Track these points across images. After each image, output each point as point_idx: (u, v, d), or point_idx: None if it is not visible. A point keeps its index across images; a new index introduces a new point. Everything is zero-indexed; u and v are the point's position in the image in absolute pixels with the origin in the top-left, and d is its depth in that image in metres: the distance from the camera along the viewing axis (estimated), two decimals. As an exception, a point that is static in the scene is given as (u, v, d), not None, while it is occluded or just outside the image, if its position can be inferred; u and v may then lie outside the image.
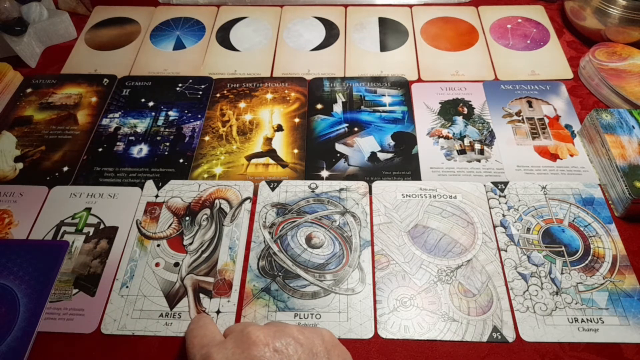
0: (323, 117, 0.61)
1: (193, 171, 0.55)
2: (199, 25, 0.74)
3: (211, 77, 0.66)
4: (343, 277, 0.46)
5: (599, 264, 0.46)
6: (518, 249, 0.48)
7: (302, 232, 0.49)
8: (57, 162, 0.56)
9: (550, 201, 0.51)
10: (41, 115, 0.62)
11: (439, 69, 0.67)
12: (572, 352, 0.41)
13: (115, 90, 0.64)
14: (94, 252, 0.48)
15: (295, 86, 0.64)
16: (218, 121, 0.60)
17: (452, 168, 0.55)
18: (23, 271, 0.45)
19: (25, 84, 0.65)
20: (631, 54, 0.63)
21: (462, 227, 0.49)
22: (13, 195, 0.53)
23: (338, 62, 0.68)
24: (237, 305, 0.44)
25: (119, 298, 0.45)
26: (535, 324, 0.43)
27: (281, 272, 0.47)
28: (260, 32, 0.73)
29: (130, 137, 0.59)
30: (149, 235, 0.49)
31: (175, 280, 0.46)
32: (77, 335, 0.43)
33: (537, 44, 0.70)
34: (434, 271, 0.46)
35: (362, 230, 0.49)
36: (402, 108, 0.61)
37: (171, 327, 0.43)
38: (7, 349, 0.41)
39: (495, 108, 0.61)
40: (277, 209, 0.51)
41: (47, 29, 0.71)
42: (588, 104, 0.62)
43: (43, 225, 0.50)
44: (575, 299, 0.44)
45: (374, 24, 0.74)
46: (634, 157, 0.50)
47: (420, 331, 0.42)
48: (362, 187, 0.52)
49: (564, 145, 0.57)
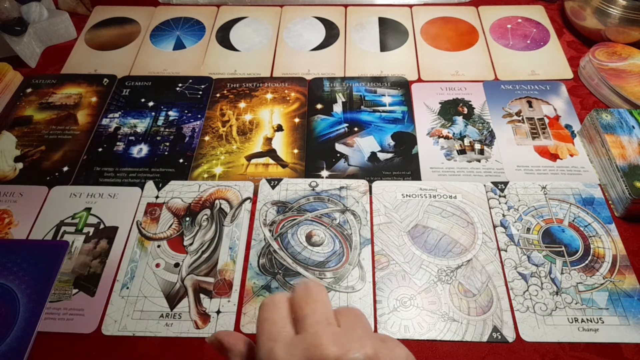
0: (323, 117, 0.61)
1: (193, 171, 0.55)
2: (199, 25, 0.74)
3: (211, 77, 0.66)
4: (343, 275, 0.46)
5: (599, 264, 0.46)
6: (518, 249, 0.48)
7: (303, 230, 0.49)
8: (57, 162, 0.56)
9: (550, 201, 0.51)
10: (41, 115, 0.62)
11: (439, 69, 0.67)
12: (572, 352, 0.41)
13: (115, 90, 0.64)
14: (94, 252, 0.48)
15: (295, 86, 0.64)
16: (218, 121, 0.60)
17: (452, 168, 0.55)
18: (23, 271, 0.45)
19: (25, 84, 0.65)
20: (631, 54, 0.63)
21: (462, 227, 0.49)
22: (13, 195, 0.53)
23: (338, 62, 0.68)
24: (238, 305, 0.44)
25: (119, 299, 0.45)
26: (535, 324, 0.43)
27: (281, 269, 0.47)
28: (260, 32, 0.73)
29: (130, 137, 0.59)
30: (150, 236, 0.49)
31: (176, 280, 0.46)
32: (77, 335, 0.43)
33: (537, 44, 0.70)
34: (434, 271, 0.46)
35: (362, 229, 0.49)
36: (402, 108, 0.61)
37: (172, 327, 0.43)
38: (7, 349, 0.41)
39: (495, 108, 0.61)
40: (278, 207, 0.51)
41: (47, 29, 0.71)
42: (588, 104, 0.62)
43: (43, 225, 0.50)
44: (575, 299, 0.44)
45: (374, 24, 0.74)
46: (634, 157, 0.50)
47: (420, 331, 0.42)
48: (362, 186, 0.52)
49: (564, 145, 0.57)
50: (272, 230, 0.49)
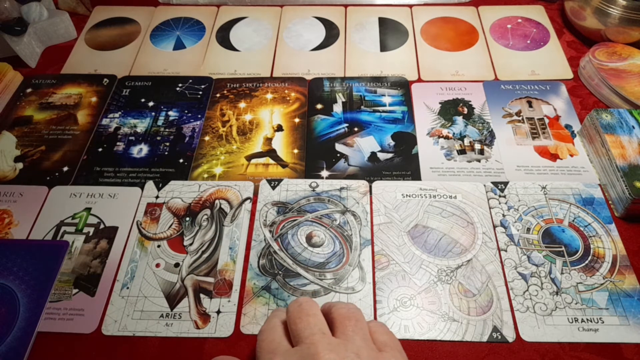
0: (323, 117, 0.61)
1: (193, 171, 0.55)
2: (199, 25, 0.74)
3: (211, 77, 0.66)
4: (343, 276, 0.46)
5: (599, 264, 0.46)
6: (518, 249, 0.48)
7: (303, 230, 0.49)
8: (57, 162, 0.56)
9: (550, 201, 0.51)
10: (41, 115, 0.62)
11: (439, 69, 0.67)
12: (572, 352, 0.41)
13: (115, 90, 0.64)
14: (94, 252, 0.48)
15: (295, 86, 0.64)
16: (218, 121, 0.60)
17: (452, 168, 0.55)
18: (23, 271, 0.45)
19: (25, 84, 0.65)
20: (631, 54, 0.63)
21: (462, 227, 0.49)
22: (13, 195, 0.53)
23: (338, 62, 0.68)
24: (237, 305, 0.44)
25: (119, 299, 0.45)
26: (535, 324, 0.43)
27: (281, 270, 0.47)
28: (260, 32, 0.73)
29: (130, 137, 0.59)
30: (150, 236, 0.49)
31: (176, 280, 0.46)
32: (77, 335, 0.43)
33: (537, 44, 0.70)
34: (434, 271, 0.46)
35: (362, 229, 0.49)
36: (402, 108, 0.61)
37: (172, 327, 0.43)
38: (7, 349, 0.41)
39: (495, 108, 0.61)
40: (278, 208, 0.51)
41: (47, 29, 0.71)
42: (588, 104, 0.62)
43: (43, 225, 0.50)
44: (575, 299, 0.44)
45: (374, 24, 0.74)
46: (634, 157, 0.50)
47: (420, 331, 0.42)
48: (362, 186, 0.53)
49: (564, 145, 0.57)
50: (272, 231, 0.49)
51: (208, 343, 0.42)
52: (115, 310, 0.44)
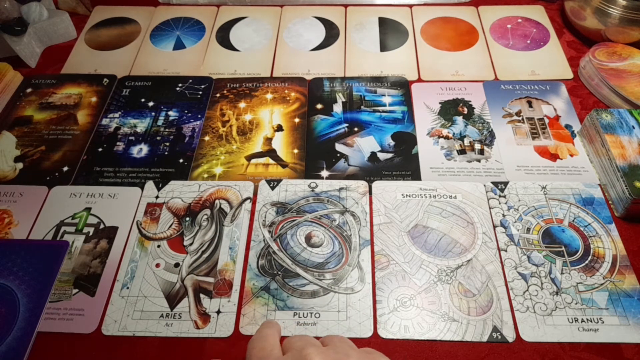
0: (323, 117, 0.61)
1: (193, 171, 0.55)
2: (199, 25, 0.74)
3: (211, 77, 0.66)
4: (342, 276, 0.46)
5: (599, 264, 0.46)
6: (518, 249, 0.48)
7: (302, 231, 0.49)
8: (57, 162, 0.56)
9: (550, 201, 0.51)
10: (41, 115, 0.62)
11: (439, 69, 0.67)
12: (572, 352, 0.41)
13: (115, 90, 0.64)
14: (94, 252, 0.48)
15: (295, 86, 0.64)
16: (218, 121, 0.60)
17: (452, 168, 0.55)
18: (23, 271, 0.45)
19: (25, 84, 0.65)
20: (631, 54, 0.63)
21: (462, 227, 0.49)
22: (13, 195, 0.53)
23: (338, 62, 0.68)
24: (237, 305, 0.44)
25: (119, 299, 0.45)
26: (535, 324, 0.43)
27: (281, 271, 0.47)
28: (260, 32, 0.73)
29: (130, 137, 0.59)
30: (150, 236, 0.49)
31: (176, 280, 0.46)
32: (77, 335, 0.43)
33: (537, 44, 0.70)
34: (434, 271, 0.46)
35: (361, 230, 0.49)
36: (402, 108, 0.61)
37: (172, 327, 0.43)
38: (7, 349, 0.41)
39: (495, 108, 0.61)
40: (277, 208, 0.51)
41: (47, 29, 0.71)
42: (588, 104, 0.62)
43: (43, 225, 0.50)
44: (575, 299, 0.44)
45: (374, 24, 0.74)
46: (634, 157, 0.50)
47: (420, 331, 0.42)
48: (361, 187, 0.52)
49: (564, 145, 0.57)
50: (271, 232, 0.49)
51: (208, 343, 0.42)
52: (115, 310, 0.44)
